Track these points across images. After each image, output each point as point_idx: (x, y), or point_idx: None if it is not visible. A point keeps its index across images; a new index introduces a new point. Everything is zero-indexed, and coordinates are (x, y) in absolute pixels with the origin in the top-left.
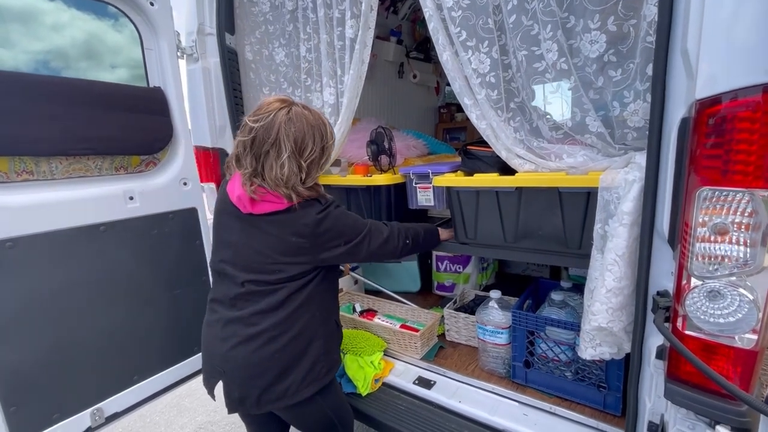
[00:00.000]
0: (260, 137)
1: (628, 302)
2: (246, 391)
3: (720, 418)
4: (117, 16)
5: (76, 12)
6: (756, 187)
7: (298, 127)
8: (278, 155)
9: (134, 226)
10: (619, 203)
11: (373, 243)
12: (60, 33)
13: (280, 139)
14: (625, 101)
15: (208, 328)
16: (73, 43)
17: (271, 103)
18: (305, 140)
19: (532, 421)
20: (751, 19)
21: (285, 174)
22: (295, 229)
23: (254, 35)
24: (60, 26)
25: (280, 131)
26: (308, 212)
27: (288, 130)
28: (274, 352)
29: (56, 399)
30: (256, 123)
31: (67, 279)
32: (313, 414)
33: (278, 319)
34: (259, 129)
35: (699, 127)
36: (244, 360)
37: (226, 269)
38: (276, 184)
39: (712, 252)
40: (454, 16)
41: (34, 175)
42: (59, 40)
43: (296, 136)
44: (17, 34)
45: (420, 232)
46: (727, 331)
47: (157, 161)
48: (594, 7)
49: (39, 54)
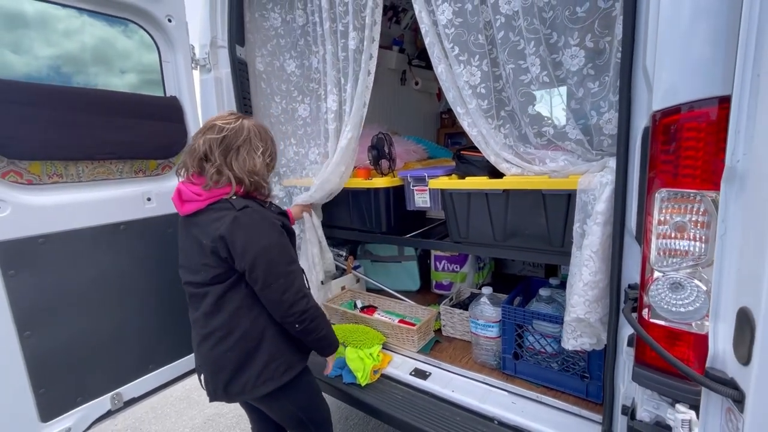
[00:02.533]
0: (231, 135)
1: (603, 295)
2: (214, 383)
3: (679, 397)
4: (126, 23)
5: (92, 21)
6: (704, 189)
7: (262, 133)
8: (250, 149)
9: (151, 224)
10: (595, 204)
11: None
12: (72, 39)
13: (251, 138)
14: (601, 111)
15: (198, 348)
16: (86, 48)
17: (230, 114)
18: (267, 143)
19: (519, 409)
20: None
21: (257, 164)
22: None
23: (266, 48)
24: (75, 32)
25: (250, 132)
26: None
27: (256, 132)
28: (226, 351)
29: (80, 383)
30: (227, 124)
31: (91, 273)
32: (280, 409)
33: (221, 321)
34: (230, 129)
35: (656, 135)
36: (206, 357)
37: (180, 272)
38: (248, 174)
39: (671, 247)
40: (448, 32)
41: (63, 178)
42: (71, 45)
43: (261, 138)
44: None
45: (322, 328)
46: (686, 318)
47: (172, 165)
48: (573, 25)
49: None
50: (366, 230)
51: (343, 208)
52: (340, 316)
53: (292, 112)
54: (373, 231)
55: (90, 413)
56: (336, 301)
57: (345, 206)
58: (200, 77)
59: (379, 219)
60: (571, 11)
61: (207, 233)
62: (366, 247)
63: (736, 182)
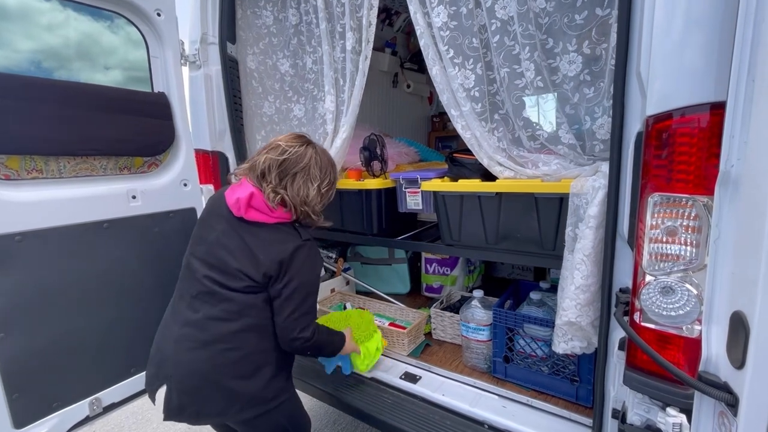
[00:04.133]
0: (292, 160)
1: (594, 298)
2: (187, 400)
3: (670, 401)
4: (113, 17)
5: (77, 15)
6: (696, 194)
7: (323, 162)
8: (306, 178)
9: (136, 223)
10: (587, 208)
11: (305, 305)
12: (54, 33)
13: (310, 166)
14: (595, 116)
15: (164, 328)
16: (69, 43)
17: (298, 137)
18: (327, 172)
19: (510, 413)
20: (694, 48)
21: (310, 194)
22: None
23: (258, 46)
24: (56, 26)
25: (311, 160)
26: (288, 239)
27: (317, 161)
28: (223, 367)
29: (56, 388)
30: (289, 147)
31: (71, 272)
32: (269, 424)
33: (230, 329)
34: (293, 153)
35: (649, 140)
36: (192, 366)
37: (193, 263)
38: (301, 203)
39: (663, 251)
40: (443, 35)
41: (43, 173)
42: (54, 40)
43: (321, 167)
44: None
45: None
46: (677, 322)
47: (159, 163)
48: (572, 32)
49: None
50: (357, 232)
51: (334, 210)
52: None
53: (286, 112)
54: (364, 233)
55: (67, 419)
56: (325, 303)
57: (335, 207)
58: (189, 74)
59: (370, 221)
60: (570, 18)
61: (267, 251)
62: (356, 249)
63: (730, 187)
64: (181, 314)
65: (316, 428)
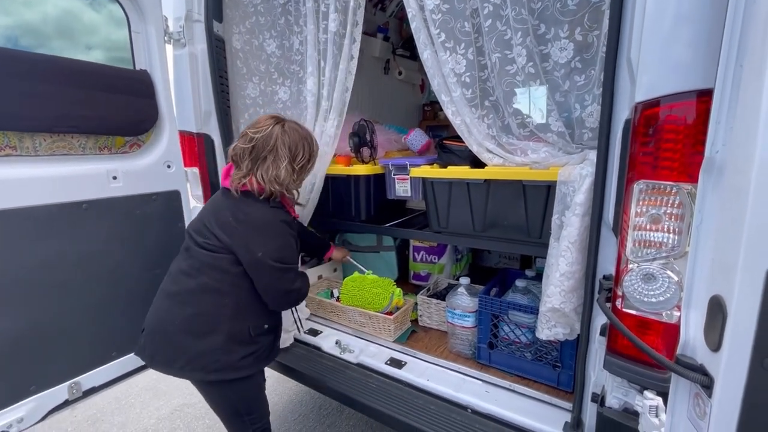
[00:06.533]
0: (259, 145)
1: (578, 285)
2: (150, 347)
3: (648, 384)
4: None
5: None
6: (680, 181)
7: (292, 138)
8: (274, 158)
9: (118, 205)
10: (574, 195)
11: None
12: (32, 9)
13: (277, 147)
14: (585, 104)
15: (157, 299)
16: (48, 19)
17: (267, 119)
18: (297, 148)
19: (492, 398)
20: (682, 43)
21: (281, 175)
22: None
23: (244, 25)
24: (34, 1)
25: (277, 140)
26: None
27: (283, 139)
28: (175, 318)
29: (33, 371)
30: (256, 134)
31: (50, 253)
32: (211, 399)
33: (188, 286)
34: (259, 138)
35: (637, 127)
36: (157, 315)
37: (188, 232)
38: (270, 182)
39: (646, 239)
40: (435, 18)
41: (17, 150)
42: (32, 16)
43: (290, 144)
44: None
45: None
46: (658, 309)
47: (141, 143)
48: (564, 17)
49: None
50: (345, 218)
51: (322, 195)
52: (316, 305)
53: (271, 95)
54: (353, 219)
55: (44, 403)
56: (313, 290)
57: (324, 193)
58: (174, 52)
59: (358, 207)
60: (562, 3)
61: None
62: (344, 237)
63: (714, 173)
64: (178, 285)
65: (302, 413)
